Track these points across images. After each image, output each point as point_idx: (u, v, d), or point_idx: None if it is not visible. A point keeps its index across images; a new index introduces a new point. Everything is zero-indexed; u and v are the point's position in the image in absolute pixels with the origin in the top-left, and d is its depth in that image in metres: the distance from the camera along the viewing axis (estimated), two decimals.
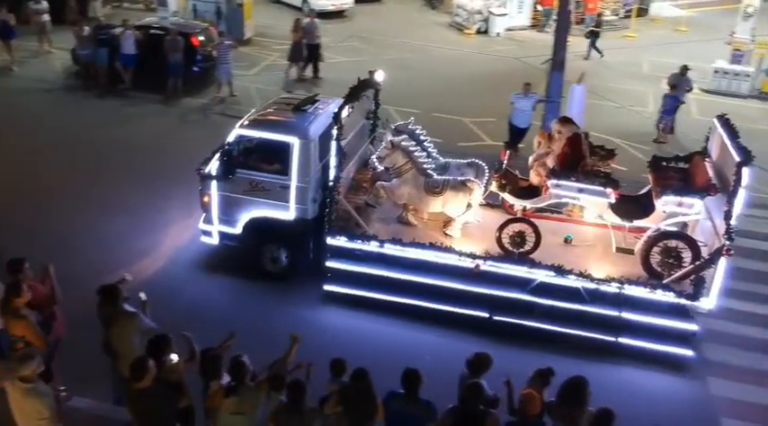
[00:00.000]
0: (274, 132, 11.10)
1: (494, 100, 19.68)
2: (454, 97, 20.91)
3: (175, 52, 19.37)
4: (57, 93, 20.03)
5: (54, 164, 15.40)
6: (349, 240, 11.18)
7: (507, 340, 10.63)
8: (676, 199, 10.45)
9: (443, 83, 22.40)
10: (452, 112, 19.53)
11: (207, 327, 8.46)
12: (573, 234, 11.74)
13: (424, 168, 11.41)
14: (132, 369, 6.59)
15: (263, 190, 11.25)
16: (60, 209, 13.67)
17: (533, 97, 16.47)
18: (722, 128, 10.90)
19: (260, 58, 23.70)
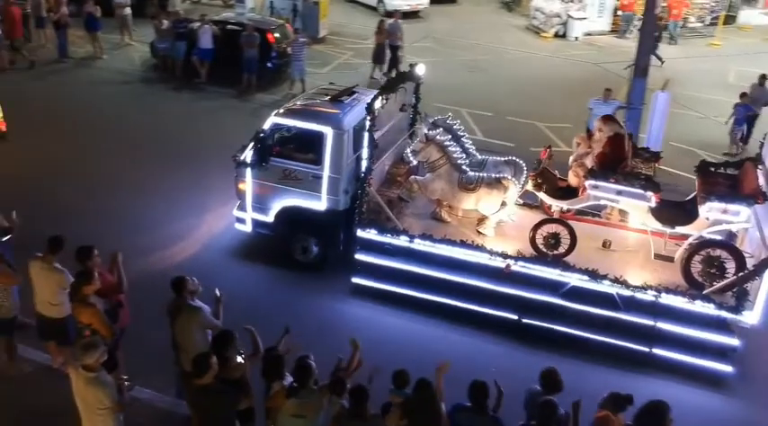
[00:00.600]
0: (308, 121, 11.05)
1: (570, 105, 19.29)
2: (529, 101, 20.46)
3: (251, 48, 19.51)
4: (134, 85, 20.52)
5: (124, 154, 15.65)
6: (379, 233, 11.03)
7: (536, 344, 10.40)
8: (721, 205, 9.89)
9: (518, 86, 21.97)
10: (527, 117, 19.12)
11: (235, 315, 8.45)
12: (612, 238, 11.23)
13: (459, 164, 11.16)
14: (194, 365, 6.53)
15: (296, 179, 11.21)
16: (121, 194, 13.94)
17: (614, 103, 15.88)
18: None
19: (333, 57, 23.71)
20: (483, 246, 10.78)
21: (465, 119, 18.57)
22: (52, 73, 21.11)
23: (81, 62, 22.03)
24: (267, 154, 11.17)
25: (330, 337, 9.68)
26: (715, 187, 10.46)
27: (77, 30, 22.47)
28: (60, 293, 8.41)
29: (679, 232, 10.54)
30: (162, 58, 21.04)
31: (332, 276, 11.63)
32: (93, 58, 22.19)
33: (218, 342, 6.99)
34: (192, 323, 7.63)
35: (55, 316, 8.63)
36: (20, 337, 9.33)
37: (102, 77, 20.87)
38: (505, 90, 21.47)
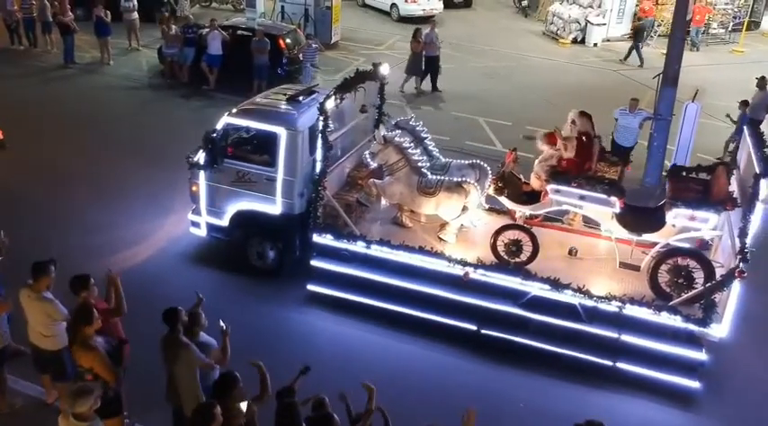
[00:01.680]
0: (262, 121, 10.65)
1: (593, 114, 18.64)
2: (549, 110, 19.58)
3: (261, 54, 19.13)
4: (141, 92, 20.10)
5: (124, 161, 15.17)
6: (335, 239, 10.58)
7: (496, 356, 9.97)
8: (688, 212, 9.37)
9: (537, 94, 21.34)
10: (547, 126, 17.59)
11: None
12: (579, 246, 10.74)
13: (419, 167, 10.72)
14: (196, 417, 5.89)
15: (250, 181, 10.83)
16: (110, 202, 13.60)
17: (641, 114, 15.19)
18: (750, 137, 9.75)
19: (345, 63, 23.14)
20: (442, 253, 10.30)
21: (483, 129, 18.25)
22: (57, 79, 20.79)
23: (87, 67, 21.71)
24: (219, 155, 10.79)
25: (283, 350, 9.37)
26: (684, 192, 9.94)
27: (84, 34, 22.29)
28: (52, 324, 7.73)
29: (646, 239, 10.01)
30: (169, 64, 20.49)
31: (288, 282, 11.21)
32: (99, 64, 21.88)
33: (219, 389, 6.27)
34: (179, 361, 6.93)
35: (49, 348, 7.88)
36: (15, 366, 8.61)
37: (107, 83, 20.47)
38: (524, 98, 20.86)
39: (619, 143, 15.33)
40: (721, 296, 9.09)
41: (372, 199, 11.15)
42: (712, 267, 9.49)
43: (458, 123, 18.64)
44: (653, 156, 15.31)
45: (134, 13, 22.85)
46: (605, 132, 16.31)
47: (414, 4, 29.02)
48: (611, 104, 16.28)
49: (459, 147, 16.00)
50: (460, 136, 17.28)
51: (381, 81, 12.10)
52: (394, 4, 29.38)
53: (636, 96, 15.88)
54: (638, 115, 15.19)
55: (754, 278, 9.06)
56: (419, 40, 19.98)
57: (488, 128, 18.26)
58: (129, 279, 8.80)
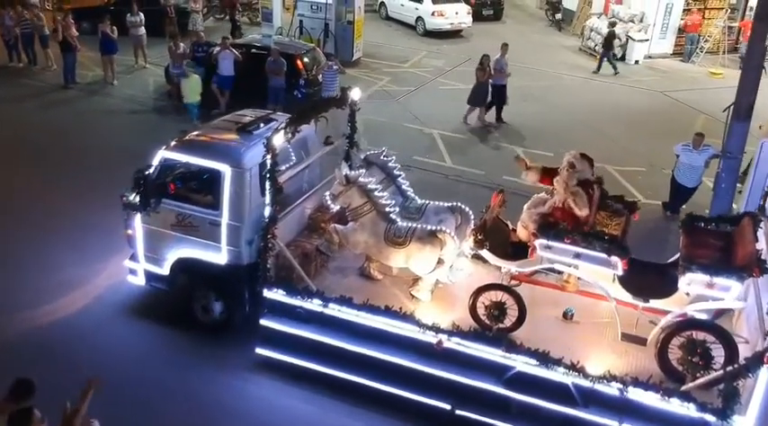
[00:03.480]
0: (203, 157, 9.16)
1: (640, 143, 17.24)
2: (593, 137, 18.01)
3: (277, 76, 17.45)
4: (144, 116, 18.21)
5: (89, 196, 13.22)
6: (288, 294, 8.99)
7: None
8: (704, 277, 7.69)
9: (577, 119, 19.45)
10: (594, 158, 16.48)
11: (113, 387, 7.22)
12: (577, 306, 9.09)
13: (386, 212, 9.15)
14: None
15: (191, 226, 9.34)
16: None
17: (707, 151, 13.37)
18: None
19: (369, 83, 21.43)
20: (411, 315, 8.68)
21: (368, 146, 16.29)
22: (54, 103, 18.98)
23: (88, 88, 20.00)
24: (153, 195, 9.23)
25: None
26: (700, 250, 8.25)
27: (88, 50, 20.85)
28: None
29: (655, 307, 8.34)
30: (177, 86, 18.32)
31: (237, 341, 9.68)
32: (102, 83, 20.20)
33: None
34: None
35: None
36: None
37: (109, 107, 18.73)
38: (564, 123, 18.83)
39: (681, 183, 13.65)
40: (746, 382, 7.38)
41: (334, 248, 9.57)
42: (735, 345, 7.81)
43: (496, 154, 16.99)
44: (719, 200, 13.24)
45: (141, 29, 21.22)
46: (660, 164, 15.23)
47: (441, 17, 27.40)
48: (661, 130, 14.92)
49: (496, 183, 14.13)
50: (497, 169, 15.46)
51: (352, 107, 10.50)
52: (420, 17, 27.83)
53: (699, 130, 13.99)
54: (703, 152, 13.38)
55: None
56: (486, 68, 17.92)
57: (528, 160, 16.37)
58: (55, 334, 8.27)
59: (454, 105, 19.61)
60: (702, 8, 25.94)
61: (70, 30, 19.60)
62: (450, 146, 17.09)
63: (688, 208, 13.47)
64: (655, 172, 15.66)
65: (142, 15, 21.26)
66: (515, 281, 9.09)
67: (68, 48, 19.63)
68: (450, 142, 17.32)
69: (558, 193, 8.67)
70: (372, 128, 17.47)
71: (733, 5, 26.41)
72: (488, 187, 13.13)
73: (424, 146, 17.09)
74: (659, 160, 15.98)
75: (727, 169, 13.01)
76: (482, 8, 29.86)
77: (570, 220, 8.45)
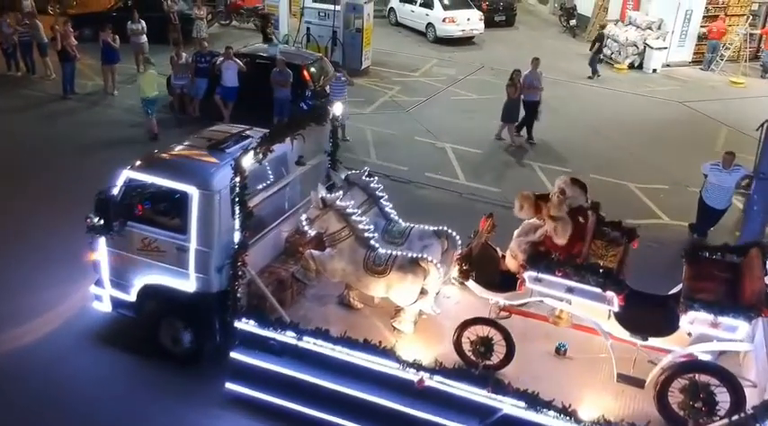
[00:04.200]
0: (169, 177, 8.54)
1: (661, 157, 16.50)
2: (614, 152, 17.26)
3: (283, 87, 16.69)
4: (144, 129, 17.13)
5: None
6: (259, 325, 8.36)
7: None
8: (707, 317, 7.03)
9: (597, 131, 18.62)
10: (615, 174, 15.78)
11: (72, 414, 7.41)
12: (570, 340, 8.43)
13: (366, 237, 8.49)
14: None
15: (158, 250, 8.67)
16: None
17: (738, 171, 12.59)
18: None
19: (378, 93, 20.79)
20: (391, 351, 8.02)
21: (539, 178, 15.68)
22: (51, 114, 18.08)
23: (88, 98, 19.16)
24: (117, 218, 8.60)
25: None
26: (704, 283, 7.59)
27: (89, 58, 20.09)
28: None
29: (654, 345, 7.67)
30: (179, 97, 17.96)
31: (206, 374, 9.03)
32: (103, 94, 19.39)
33: None
34: None
35: None
36: None
37: (108, 118, 17.88)
38: (583, 136, 18.03)
39: (710, 204, 12.83)
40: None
41: (311, 275, 8.92)
42: (742, 390, 7.13)
43: (513, 171, 16.27)
44: (751, 223, 12.50)
45: (142, 36, 20.46)
46: (684, 181, 14.61)
47: (452, 24, 26.71)
48: (683, 144, 14.58)
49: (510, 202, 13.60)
50: (514, 187, 14.24)
51: (333, 123, 9.87)
52: (430, 23, 27.14)
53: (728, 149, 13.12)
54: (734, 172, 12.57)
55: None
56: (517, 84, 16.97)
57: (544, 177, 15.62)
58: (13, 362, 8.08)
59: (467, 116, 19.01)
60: (723, 15, 25.21)
61: (69, 38, 18.89)
62: (463, 161, 16.33)
63: (717, 232, 12.87)
64: (679, 190, 14.94)
65: (143, 23, 20.57)
66: (505, 313, 8.43)
67: (67, 58, 18.92)
68: (463, 157, 16.55)
69: (548, 220, 8.02)
70: (382, 142, 17.00)
71: (754, 12, 25.68)
72: (505, 206, 12.10)
73: (437, 161, 16.36)
74: (683, 176, 15.27)
75: (759, 190, 12.20)
76: (494, 14, 29.20)
77: (562, 250, 7.79)
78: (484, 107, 19.83)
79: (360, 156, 16.08)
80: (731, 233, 12.70)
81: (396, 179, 14.91)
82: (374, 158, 16.21)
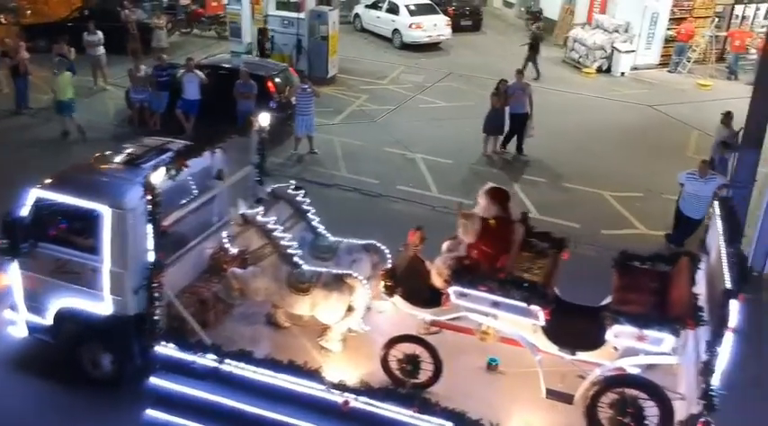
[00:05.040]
0: (79, 196, 8.13)
1: (634, 164, 16.31)
2: (586, 159, 16.97)
3: (246, 99, 16.13)
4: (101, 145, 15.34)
5: None
6: (179, 349, 7.98)
7: None
8: (633, 330, 6.84)
9: (569, 138, 18.15)
10: (588, 183, 15.58)
11: None
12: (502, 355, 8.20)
13: (289, 254, 8.16)
14: None
15: (72, 272, 8.28)
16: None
17: (714, 180, 12.38)
18: (722, 219, 7.28)
19: (345, 102, 20.32)
20: (317, 372, 7.71)
21: (511, 187, 14.93)
22: (3, 130, 17.33)
23: (43, 113, 18.16)
24: (25, 239, 8.20)
25: None
26: (633, 294, 7.41)
27: (45, 70, 18.98)
28: None
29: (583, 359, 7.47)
30: (138, 111, 17.38)
31: (127, 400, 8.58)
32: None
33: None
34: None
35: None
36: None
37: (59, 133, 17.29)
38: (554, 143, 17.44)
39: (687, 214, 12.67)
40: None
41: (235, 294, 8.58)
42: (669, 404, 6.95)
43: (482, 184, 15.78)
44: None
45: (99, 48, 19.94)
46: (658, 189, 14.43)
47: (418, 30, 26.32)
48: (655, 149, 14.76)
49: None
50: None
51: (260, 135, 9.55)
52: (396, 30, 26.72)
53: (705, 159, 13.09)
54: (710, 181, 12.34)
55: None
56: (501, 94, 16.57)
57: (519, 188, 15.37)
58: None
59: (436, 125, 18.73)
60: (688, 17, 25.19)
61: (20, 53, 18.04)
62: (435, 172, 15.91)
63: (694, 241, 12.67)
64: (653, 197, 14.75)
65: (101, 34, 19.98)
66: (435, 328, 8.18)
67: (19, 73, 18.12)
68: (434, 168, 16.13)
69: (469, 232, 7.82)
70: (351, 154, 16.66)
71: (719, 14, 25.62)
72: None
73: (408, 173, 16.02)
74: (656, 183, 15.08)
75: (736, 199, 11.75)
76: (460, 19, 28.86)
77: (488, 261, 7.57)
78: (453, 115, 19.63)
79: (329, 170, 15.84)
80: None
81: (366, 192, 14.71)
82: (344, 171, 15.90)
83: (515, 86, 16.70)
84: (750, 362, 9.04)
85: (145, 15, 24.08)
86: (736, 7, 25.63)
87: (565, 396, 7.46)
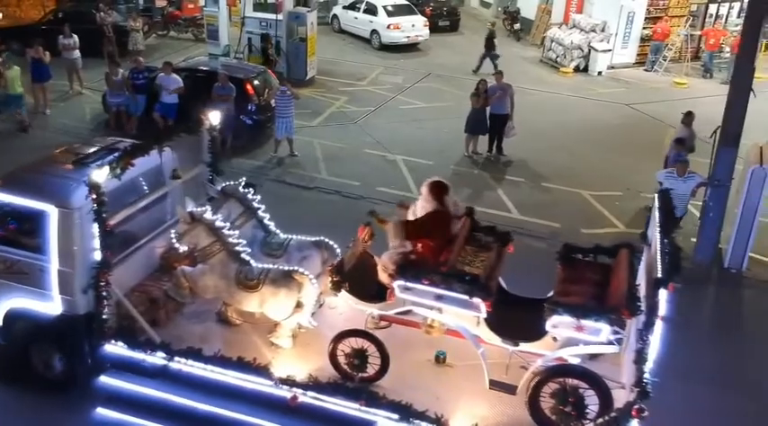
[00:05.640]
0: (25, 195, 8.10)
1: (612, 163, 16.46)
2: (565, 159, 17.06)
3: (225, 102, 15.69)
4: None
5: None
6: (129, 347, 8.00)
7: None
8: (571, 320, 6.99)
9: (545, 137, 18.21)
10: (567, 182, 15.72)
11: None
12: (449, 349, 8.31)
13: (237, 251, 8.22)
14: None
15: (20, 272, 8.27)
16: None
17: (693, 178, 12.60)
18: (660, 210, 7.46)
19: (324, 104, 20.23)
20: (265, 368, 7.77)
21: (492, 189, 15.54)
22: None
23: (16, 118, 17.63)
24: None
25: None
26: (575, 286, 7.56)
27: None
28: None
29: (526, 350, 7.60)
30: (115, 115, 17.28)
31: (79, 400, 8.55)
32: (33, 113, 18.12)
33: None
34: None
35: None
36: None
37: (41, 140, 16.48)
38: (531, 143, 17.40)
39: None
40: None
41: (184, 292, 8.61)
42: (609, 393, 7.09)
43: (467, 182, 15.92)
44: (706, 231, 12.62)
45: (75, 52, 19.52)
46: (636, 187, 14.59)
47: (396, 30, 26.38)
48: (632, 148, 14.91)
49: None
50: (471, 199, 14.26)
51: (211, 133, 9.58)
52: (375, 30, 26.81)
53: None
54: (689, 179, 12.54)
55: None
56: (481, 95, 16.58)
57: (500, 189, 15.52)
58: None
59: (417, 126, 18.77)
60: (664, 16, 25.44)
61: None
62: (416, 173, 15.65)
63: None
64: (632, 196, 14.87)
65: (76, 37, 19.51)
66: (385, 323, 8.27)
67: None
68: (415, 169, 16.00)
69: (422, 210, 7.97)
70: (332, 156, 16.64)
71: (693, 13, 25.91)
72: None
73: (389, 174, 15.98)
74: (634, 182, 15.23)
75: (714, 198, 12.32)
76: (438, 19, 28.94)
77: (432, 255, 7.68)
78: (433, 116, 19.68)
79: (309, 172, 15.85)
80: (688, 240, 12.60)
81: (347, 195, 14.63)
82: (324, 174, 15.88)
83: (496, 87, 16.73)
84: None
85: (120, 18, 23.96)
86: (711, 6, 25.97)
87: (508, 387, 7.56)
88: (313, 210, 13.75)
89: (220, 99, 15.82)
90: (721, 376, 9.89)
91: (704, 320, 11.75)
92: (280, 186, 15.12)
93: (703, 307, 12.13)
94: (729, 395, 9.48)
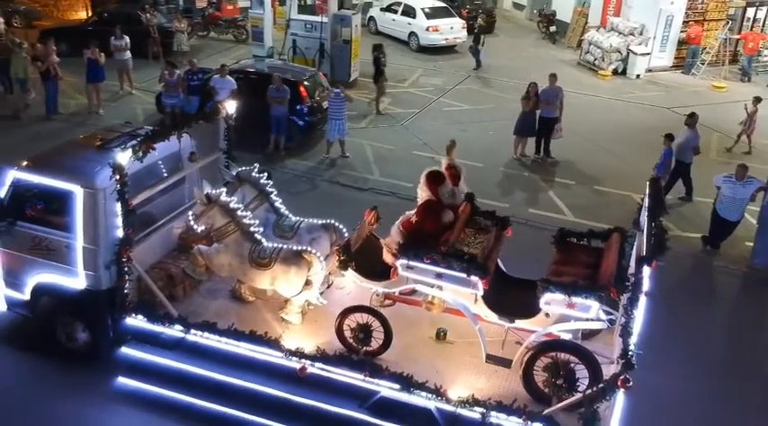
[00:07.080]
0: (54, 177, 8.65)
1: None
2: (612, 161, 17.14)
3: (280, 105, 16.05)
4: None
5: None
6: (149, 321, 8.54)
7: None
8: (562, 298, 7.43)
9: (593, 140, 18.40)
10: (615, 185, 15.77)
11: None
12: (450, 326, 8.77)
13: (251, 232, 8.72)
14: None
15: (48, 249, 8.82)
16: None
17: (752, 183, 12.58)
18: (649, 197, 7.88)
19: (370, 106, 20.15)
20: (276, 341, 8.28)
21: (545, 192, 15.59)
22: (33, 137, 16.32)
23: (72, 119, 18.03)
24: (4, 218, 8.76)
25: None
26: (568, 267, 8.00)
27: (68, 74, 18.98)
28: None
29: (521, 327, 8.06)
30: (171, 115, 16.99)
31: (102, 370, 9.09)
32: (86, 113, 18.39)
33: None
34: None
35: None
36: None
37: None
38: (578, 146, 17.62)
39: (723, 216, 12.89)
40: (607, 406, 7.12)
41: (201, 270, 9.11)
42: (598, 366, 7.53)
43: (517, 185, 16.12)
44: (765, 235, 12.65)
45: (126, 52, 19.75)
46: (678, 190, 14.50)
47: (435, 32, 26.53)
48: None
49: (523, 218, 13.58)
50: (522, 201, 14.75)
51: (226, 121, 10.08)
52: (413, 32, 26.95)
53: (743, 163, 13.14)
54: (748, 184, 12.58)
55: None
56: (531, 98, 16.44)
57: (551, 191, 15.64)
58: None
59: (461, 128, 18.76)
60: (702, 20, 25.35)
61: (51, 57, 17.85)
62: (467, 175, 16.11)
63: (729, 243, 12.98)
64: (684, 200, 15.02)
65: (128, 39, 19.70)
66: (389, 301, 8.76)
67: (50, 77, 17.99)
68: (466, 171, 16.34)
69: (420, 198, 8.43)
70: (382, 158, 16.73)
71: (731, 17, 25.84)
72: (518, 222, 11.93)
73: None
74: (681, 186, 15.19)
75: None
76: (474, 21, 28.65)
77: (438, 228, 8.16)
78: (477, 118, 19.72)
79: (362, 174, 15.86)
80: (744, 245, 12.71)
81: (403, 197, 14.16)
82: (377, 175, 15.91)
83: (549, 91, 16.61)
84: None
85: (165, 19, 24.28)
86: (748, 10, 25.91)
87: (503, 361, 7.99)
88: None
89: (275, 101, 16.04)
90: None
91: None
92: (334, 187, 15.23)
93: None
94: None
